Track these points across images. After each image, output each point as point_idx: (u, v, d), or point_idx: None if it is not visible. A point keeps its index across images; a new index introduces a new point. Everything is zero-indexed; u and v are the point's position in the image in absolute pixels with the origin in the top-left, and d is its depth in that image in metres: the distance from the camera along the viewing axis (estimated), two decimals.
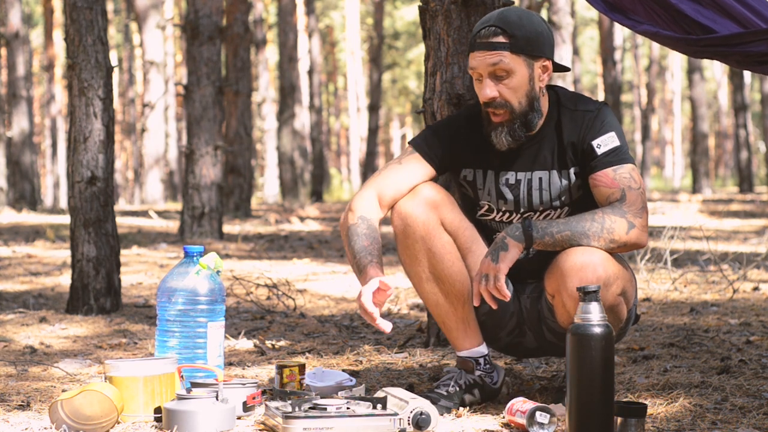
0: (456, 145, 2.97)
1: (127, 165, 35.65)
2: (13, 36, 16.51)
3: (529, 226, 2.74)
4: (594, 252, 2.71)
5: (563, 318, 2.80)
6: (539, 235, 2.74)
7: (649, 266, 5.93)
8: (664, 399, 2.92)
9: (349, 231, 2.90)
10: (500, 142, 2.87)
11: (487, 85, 2.82)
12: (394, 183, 2.95)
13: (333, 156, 42.32)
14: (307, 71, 23.64)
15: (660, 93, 40.18)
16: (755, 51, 2.95)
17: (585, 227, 2.73)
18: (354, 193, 3.02)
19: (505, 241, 2.74)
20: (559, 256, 2.75)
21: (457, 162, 2.99)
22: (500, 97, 2.83)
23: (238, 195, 13.01)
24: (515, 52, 2.80)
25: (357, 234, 2.88)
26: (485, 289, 2.73)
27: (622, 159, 2.83)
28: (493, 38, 2.81)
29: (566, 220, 2.76)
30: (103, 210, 4.94)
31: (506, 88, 2.82)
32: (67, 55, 4.99)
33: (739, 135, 22.43)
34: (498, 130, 2.86)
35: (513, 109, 2.84)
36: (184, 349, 3.04)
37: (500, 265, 2.72)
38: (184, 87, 9.38)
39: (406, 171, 2.96)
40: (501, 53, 2.80)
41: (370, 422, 2.55)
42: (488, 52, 2.80)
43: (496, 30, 2.81)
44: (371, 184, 2.97)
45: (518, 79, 2.82)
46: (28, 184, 16.55)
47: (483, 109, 2.88)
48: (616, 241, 2.74)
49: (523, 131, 2.86)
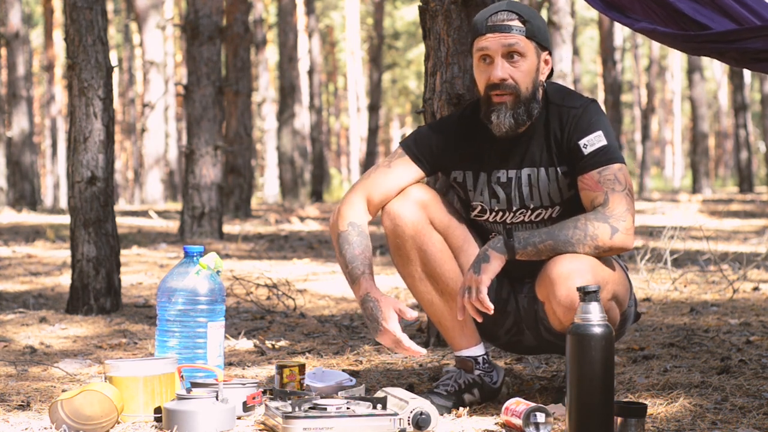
0: (446, 146, 2.97)
1: (127, 165, 35.65)
2: (13, 36, 16.51)
3: (511, 236, 2.75)
4: (581, 258, 2.71)
5: (555, 324, 2.80)
6: (521, 245, 2.74)
7: (649, 266, 5.93)
8: (664, 399, 2.92)
9: (340, 238, 2.92)
10: (501, 122, 2.84)
11: (499, 66, 2.82)
12: (383, 185, 2.96)
13: (333, 156, 42.32)
14: (307, 71, 23.64)
15: (660, 93, 40.17)
16: (752, 48, 2.95)
17: (568, 235, 2.73)
18: (344, 195, 3.01)
19: (487, 253, 2.75)
20: (547, 263, 2.75)
21: (447, 163, 2.99)
22: (510, 79, 2.83)
23: (238, 195, 13.01)
24: (529, 37, 2.83)
25: (348, 242, 2.90)
26: (468, 301, 2.74)
27: (609, 159, 2.82)
28: (508, 21, 2.83)
29: (548, 230, 2.76)
30: (103, 210, 4.94)
31: (518, 70, 2.83)
32: (67, 55, 4.99)
33: (739, 135, 22.43)
34: (501, 111, 2.84)
35: (520, 92, 2.83)
36: (184, 349, 3.04)
37: (482, 277, 2.72)
38: (184, 87, 9.38)
39: (394, 173, 2.97)
40: (517, 36, 2.82)
41: (370, 422, 2.55)
42: (504, 34, 2.82)
43: (510, 14, 2.83)
44: (360, 188, 2.98)
45: (529, 64, 2.84)
46: (28, 184, 16.55)
47: (484, 93, 2.87)
48: (600, 246, 2.74)
49: (525, 116, 2.85)
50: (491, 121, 2.86)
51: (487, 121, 2.87)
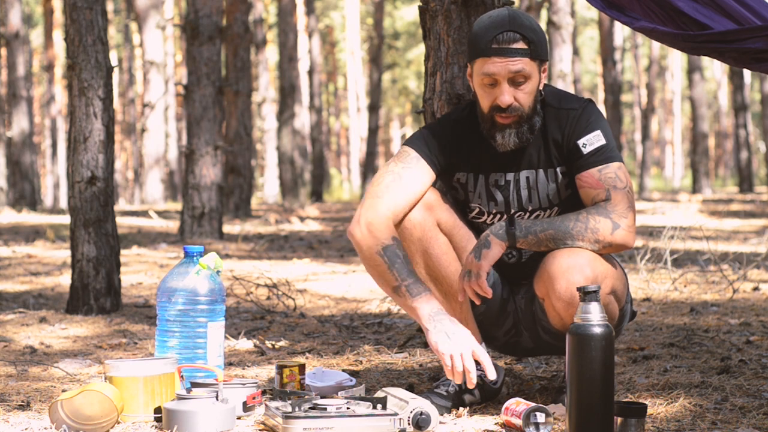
0: (452, 147, 2.96)
1: (127, 165, 35.65)
2: (13, 36, 16.52)
3: (513, 224, 2.75)
4: (580, 253, 2.71)
5: (555, 320, 2.81)
6: (522, 233, 2.75)
7: (649, 266, 5.93)
8: (664, 399, 2.92)
9: (387, 250, 2.81)
10: (506, 143, 2.85)
11: (506, 91, 2.80)
12: (406, 197, 2.88)
13: (333, 156, 42.32)
14: (307, 71, 23.65)
15: (660, 93, 40.17)
16: (752, 48, 2.95)
17: (569, 227, 2.74)
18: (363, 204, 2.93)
19: (488, 239, 2.76)
20: (546, 258, 2.75)
21: (453, 165, 2.98)
22: (516, 102, 2.82)
23: (238, 195, 13.01)
24: (533, 58, 2.80)
25: (398, 257, 2.80)
26: (468, 285, 2.75)
27: (608, 158, 2.83)
28: (514, 44, 2.79)
29: (550, 220, 2.76)
30: (103, 210, 4.93)
31: (522, 93, 2.82)
32: (67, 55, 4.99)
33: (739, 135, 22.44)
34: (506, 132, 2.84)
35: (524, 113, 2.83)
36: (184, 349, 3.04)
37: (482, 263, 2.74)
38: (184, 87, 9.38)
39: (412, 181, 2.90)
40: (522, 60, 2.79)
41: (370, 422, 2.55)
42: (510, 59, 2.78)
43: (515, 35, 2.79)
44: (383, 203, 2.87)
45: (533, 84, 2.83)
46: (28, 184, 16.55)
47: (487, 113, 2.85)
48: (600, 241, 2.74)
49: (529, 133, 2.86)
50: (495, 140, 2.86)
51: (491, 139, 2.87)
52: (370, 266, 2.85)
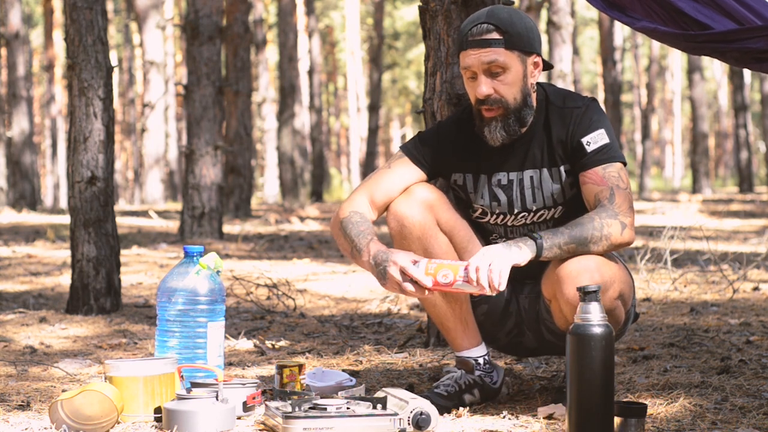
0: (445, 149, 2.96)
1: (127, 165, 35.64)
2: (13, 36, 16.51)
3: (540, 238, 2.71)
4: (589, 257, 2.72)
5: (561, 322, 2.80)
6: (548, 246, 2.71)
7: (649, 266, 5.93)
8: (664, 399, 2.92)
9: (342, 223, 2.88)
10: (494, 137, 2.85)
11: (482, 82, 2.81)
12: (385, 186, 2.94)
13: (333, 156, 42.31)
14: (307, 71, 23.64)
15: (660, 93, 40.16)
16: (753, 47, 2.96)
17: (587, 237, 2.73)
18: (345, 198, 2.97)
19: (519, 244, 2.70)
20: (554, 262, 2.75)
21: (447, 166, 2.98)
22: (495, 93, 2.82)
23: (238, 195, 13.01)
24: (510, 48, 2.80)
25: (351, 222, 2.87)
26: (487, 269, 2.63)
27: (611, 157, 2.83)
28: (486, 35, 2.80)
29: (570, 231, 2.73)
30: (103, 210, 4.93)
31: (502, 84, 2.82)
32: (67, 55, 4.99)
33: (739, 135, 22.43)
34: (492, 125, 2.84)
35: (508, 105, 2.83)
36: (184, 349, 3.04)
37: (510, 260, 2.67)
38: (184, 87, 9.38)
39: (396, 174, 2.95)
40: (496, 50, 2.79)
41: (370, 422, 2.55)
42: (483, 49, 2.80)
43: (488, 27, 2.80)
44: (362, 189, 2.96)
45: (513, 75, 2.82)
46: (28, 184, 16.55)
47: (475, 107, 2.87)
48: (613, 244, 2.77)
49: (517, 126, 2.85)
50: (484, 135, 2.87)
51: (481, 134, 2.88)
52: (338, 243, 2.91)
